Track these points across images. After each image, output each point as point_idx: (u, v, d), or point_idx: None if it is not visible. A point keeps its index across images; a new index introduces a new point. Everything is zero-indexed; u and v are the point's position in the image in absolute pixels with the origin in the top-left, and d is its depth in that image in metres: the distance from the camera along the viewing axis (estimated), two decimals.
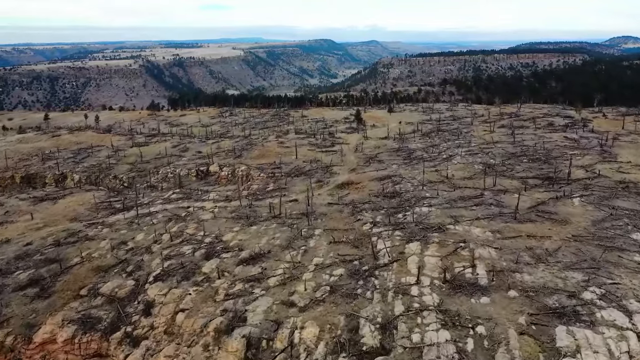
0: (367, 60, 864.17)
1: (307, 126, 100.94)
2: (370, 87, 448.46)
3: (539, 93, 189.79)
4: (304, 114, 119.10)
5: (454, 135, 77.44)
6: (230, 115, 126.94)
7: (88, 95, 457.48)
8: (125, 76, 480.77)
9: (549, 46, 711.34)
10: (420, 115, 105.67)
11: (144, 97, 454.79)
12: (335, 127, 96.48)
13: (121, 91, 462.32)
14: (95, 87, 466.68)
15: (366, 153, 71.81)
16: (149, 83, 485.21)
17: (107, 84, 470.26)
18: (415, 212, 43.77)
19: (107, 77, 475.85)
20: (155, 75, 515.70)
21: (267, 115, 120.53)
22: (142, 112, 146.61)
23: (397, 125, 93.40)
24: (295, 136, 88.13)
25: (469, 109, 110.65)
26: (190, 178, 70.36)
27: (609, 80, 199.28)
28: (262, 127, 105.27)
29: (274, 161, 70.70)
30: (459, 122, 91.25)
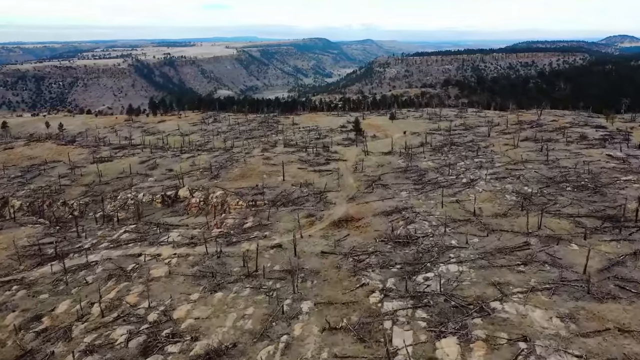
0: (363, 60, 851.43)
1: (298, 136, 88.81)
2: (366, 87, 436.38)
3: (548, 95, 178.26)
4: (295, 120, 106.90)
5: (471, 151, 65.49)
6: (213, 122, 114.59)
7: (75, 95, 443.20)
8: (114, 76, 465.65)
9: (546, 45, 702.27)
10: (426, 123, 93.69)
11: (132, 97, 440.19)
12: (330, 138, 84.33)
13: (109, 91, 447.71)
14: (82, 87, 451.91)
15: (367, 174, 59.76)
16: (138, 83, 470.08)
17: (95, 83, 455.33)
18: (440, 271, 31.95)
19: (95, 77, 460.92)
20: (145, 75, 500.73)
21: (254, 122, 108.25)
22: (119, 117, 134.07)
23: (402, 137, 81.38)
24: (283, 149, 76.00)
25: (481, 116, 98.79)
26: (154, 205, 58.08)
27: (620, 81, 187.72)
28: (247, 136, 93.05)
29: (257, 184, 58.55)
30: (473, 133, 79.36)
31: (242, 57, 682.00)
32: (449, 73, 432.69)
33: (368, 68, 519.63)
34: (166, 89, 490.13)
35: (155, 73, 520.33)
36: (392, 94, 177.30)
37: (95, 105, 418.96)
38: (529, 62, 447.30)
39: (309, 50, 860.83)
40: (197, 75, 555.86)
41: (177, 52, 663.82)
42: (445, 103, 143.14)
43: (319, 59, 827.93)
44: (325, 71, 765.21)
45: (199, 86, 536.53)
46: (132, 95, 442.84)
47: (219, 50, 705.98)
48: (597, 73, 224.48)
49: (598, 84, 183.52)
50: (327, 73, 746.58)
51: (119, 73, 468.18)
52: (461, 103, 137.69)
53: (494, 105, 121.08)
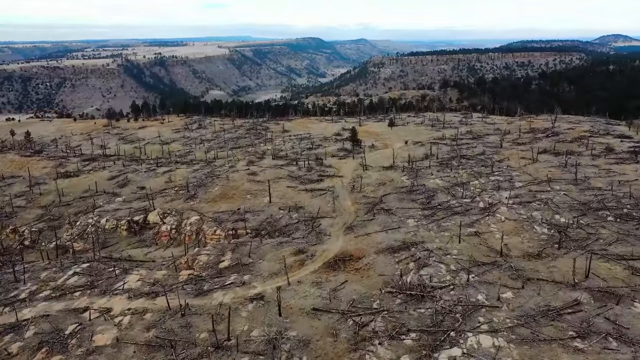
0: (356, 59, 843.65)
1: (288, 146, 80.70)
2: (360, 87, 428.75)
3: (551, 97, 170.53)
4: (286, 127, 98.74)
5: (485, 166, 57.65)
6: (198, 128, 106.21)
7: (62, 96, 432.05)
8: (102, 76, 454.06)
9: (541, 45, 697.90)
10: (428, 130, 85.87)
11: (121, 98, 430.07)
12: (324, 148, 76.30)
13: (97, 92, 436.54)
14: (70, 87, 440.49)
15: (367, 194, 51.80)
16: (128, 83, 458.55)
17: (83, 84, 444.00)
18: (469, 346, 24.18)
19: (83, 78, 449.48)
20: (135, 76, 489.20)
21: (242, 129, 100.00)
22: (98, 122, 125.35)
23: (403, 147, 73.55)
24: (271, 162, 67.91)
25: (487, 123, 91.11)
26: (119, 233, 49.82)
27: (626, 83, 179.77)
28: (232, 146, 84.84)
29: (239, 207, 50.45)
30: (482, 143, 71.60)
31: (235, 57, 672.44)
32: (444, 73, 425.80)
33: (362, 68, 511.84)
34: (156, 89, 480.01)
35: (146, 73, 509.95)
36: (390, 97, 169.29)
37: (83, 107, 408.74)
38: (525, 62, 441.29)
39: (302, 50, 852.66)
40: (188, 76, 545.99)
41: (169, 51, 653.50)
42: (446, 107, 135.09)
43: (313, 59, 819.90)
44: (318, 71, 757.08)
45: (191, 87, 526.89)
46: (121, 96, 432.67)
47: (211, 50, 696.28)
48: (600, 74, 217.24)
49: (603, 85, 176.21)
50: (321, 73, 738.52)
51: (107, 73, 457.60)
52: (464, 107, 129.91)
53: (498, 109, 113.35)
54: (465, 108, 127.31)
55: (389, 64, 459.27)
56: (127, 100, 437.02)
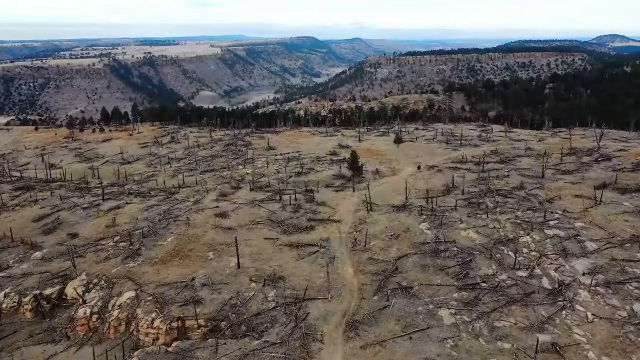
0: (351, 59, 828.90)
1: (272, 169, 65.72)
2: (356, 88, 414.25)
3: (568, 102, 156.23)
4: (272, 141, 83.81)
5: (532, 209, 42.94)
6: (170, 142, 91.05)
7: (46, 97, 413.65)
8: (88, 77, 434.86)
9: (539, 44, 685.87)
10: (443, 149, 71.10)
11: (107, 99, 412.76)
12: (316, 174, 61.40)
13: (82, 93, 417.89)
14: (54, 88, 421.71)
15: (374, 254, 37.12)
16: (114, 84, 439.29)
17: (68, 85, 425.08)
18: None
19: (67, 78, 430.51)
20: (122, 76, 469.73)
21: (220, 144, 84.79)
22: (60, 132, 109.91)
23: (415, 173, 58.74)
24: (249, 195, 53.04)
25: (513, 139, 76.40)
26: (22, 315, 34.87)
27: None
28: (205, 167, 69.81)
29: (194, 274, 35.66)
30: (515, 169, 56.93)
31: (227, 56, 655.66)
32: (443, 74, 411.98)
33: (358, 68, 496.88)
34: (144, 90, 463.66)
35: (134, 73, 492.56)
36: (392, 104, 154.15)
37: (67, 108, 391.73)
38: (526, 62, 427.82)
39: (296, 49, 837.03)
40: (178, 76, 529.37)
41: (160, 51, 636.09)
42: (459, 116, 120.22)
43: (307, 58, 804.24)
44: (313, 71, 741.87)
45: (181, 87, 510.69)
46: (107, 97, 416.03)
47: (202, 50, 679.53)
48: (617, 77, 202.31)
49: (626, 90, 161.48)
50: (316, 73, 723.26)
51: (93, 74, 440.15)
52: (478, 116, 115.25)
53: (519, 119, 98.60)
54: (480, 117, 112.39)
55: (386, 64, 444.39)
56: (113, 101, 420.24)
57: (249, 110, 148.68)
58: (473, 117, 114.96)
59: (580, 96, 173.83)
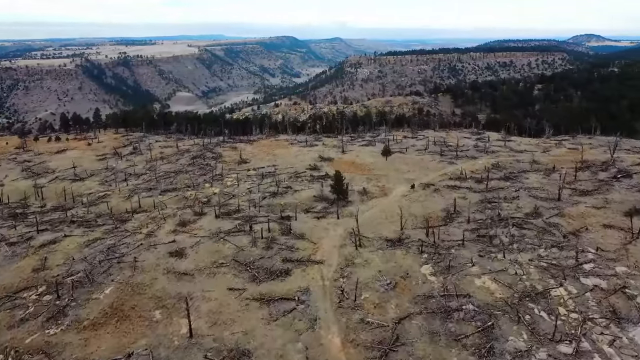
0: (331, 58, 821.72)
1: (244, 188, 57.06)
2: (337, 89, 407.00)
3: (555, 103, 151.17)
4: (246, 153, 75.12)
5: (557, 246, 35.25)
6: (131, 153, 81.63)
7: (14, 100, 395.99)
8: (59, 78, 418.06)
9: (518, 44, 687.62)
10: (437, 161, 63.30)
11: (80, 101, 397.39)
12: (294, 194, 52.98)
13: (53, 95, 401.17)
14: (23, 90, 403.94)
15: (368, 316, 28.90)
16: (86, 85, 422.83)
17: (38, 86, 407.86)
18: None
19: (37, 79, 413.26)
20: (95, 76, 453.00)
21: (188, 156, 75.63)
22: (11, 141, 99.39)
23: (410, 193, 50.74)
24: (214, 224, 44.47)
25: (514, 149, 68.93)
26: None
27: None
28: (167, 185, 60.81)
29: (132, 346, 27.05)
30: (524, 188, 49.40)
31: (205, 56, 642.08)
32: (424, 74, 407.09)
33: (339, 68, 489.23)
34: (119, 91, 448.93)
35: (107, 74, 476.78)
36: (377, 108, 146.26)
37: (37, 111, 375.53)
38: (507, 62, 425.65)
39: (276, 49, 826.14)
40: (154, 77, 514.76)
41: (136, 51, 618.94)
42: (450, 121, 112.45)
43: (287, 58, 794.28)
44: (293, 71, 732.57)
45: (157, 88, 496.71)
46: (79, 99, 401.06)
47: (179, 49, 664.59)
48: (606, 78, 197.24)
49: (619, 91, 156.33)
50: (295, 73, 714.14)
51: (64, 75, 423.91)
52: (471, 122, 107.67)
53: (515, 126, 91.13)
54: (472, 123, 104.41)
55: (367, 64, 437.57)
56: (86, 103, 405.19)
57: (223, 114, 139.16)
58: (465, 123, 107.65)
59: (571, 98, 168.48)
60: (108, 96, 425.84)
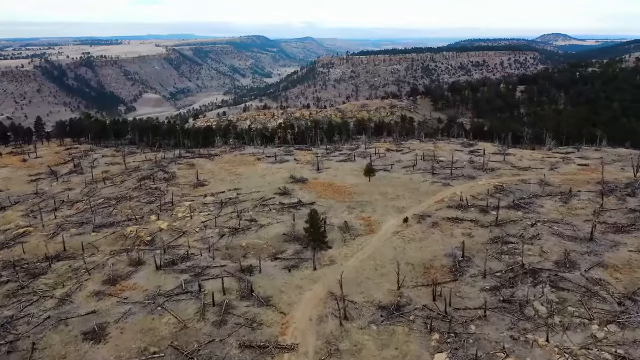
0: (303, 58, 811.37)
1: (198, 221, 46.47)
2: (309, 89, 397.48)
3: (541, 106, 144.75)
4: (204, 171, 64.32)
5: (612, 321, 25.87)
6: (70, 172, 69.83)
7: None
8: (15, 79, 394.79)
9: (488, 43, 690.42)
10: (429, 183, 53.86)
11: (38, 104, 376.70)
12: (259, 232, 42.66)
13: (9, 97, 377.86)
14: None
15: None
16: (46, 87, 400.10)
17: None
18: None
19: None
20: (56, 78, 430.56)
21: (136, 176, 64.23)
22: None
23: (402, 229, 41.04)
24: (153, 281, 33.96)
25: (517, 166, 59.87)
26: None
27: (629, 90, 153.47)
28: (104, 217, 49.64)
29: None
30: (542, 221, 40.25)
31: (173, 56, 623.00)
32: (397, 74, 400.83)
33: (310, 68, 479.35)
34: (81, 93, 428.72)
35: (69, 75, 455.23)
36: (353, 113, 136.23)
37: None
38: (480, 61, 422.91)
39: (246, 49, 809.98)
40: (119, 77, 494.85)
41: (100, 50, 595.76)
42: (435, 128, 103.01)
43: (258, 58, 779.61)
44: (264, 71, 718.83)
45: (122, 90, 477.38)
46: (38, 102, 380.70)
47: (146, 49, 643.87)
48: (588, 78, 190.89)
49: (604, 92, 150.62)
50: (267, 73, 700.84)
51: (21, 76, 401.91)
52: (460, 131, 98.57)
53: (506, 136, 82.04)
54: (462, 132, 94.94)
55: (339, 64, 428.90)
56: (45, 106, 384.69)
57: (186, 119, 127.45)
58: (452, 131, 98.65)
59: (556, 100, 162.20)
60: (69, 98, 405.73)
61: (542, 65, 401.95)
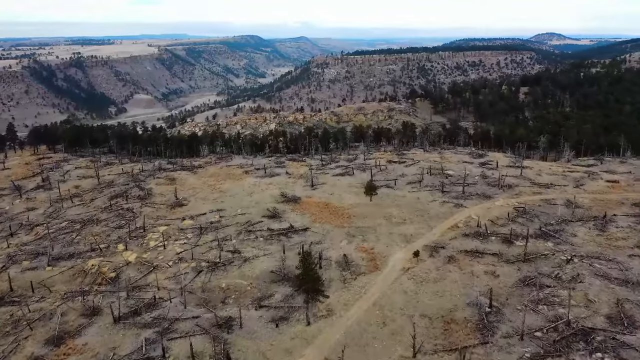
0: (297, 58, 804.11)
1: (172, 252, 39.78)
2: (303, 90, 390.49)
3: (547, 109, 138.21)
4: (186, 188, 57.53)
5: None
6: (38, 187, 62.84)
7: None
8: (3, 80, 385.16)
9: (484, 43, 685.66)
10: (439, 203, 47.32)
11: (26, 106, 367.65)
12: (243, 268, 36.08)
13: None
14: None
15: None
16: (34, 89, 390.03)
17: None
18: None
19: None
20: (45, 79, 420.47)
21: (108, 193, 57.33)
22: None
23: (413, 266, 34.51)
24: (106, 342, 27.20)
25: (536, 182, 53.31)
26: None
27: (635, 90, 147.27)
28: (64, 246, 42.79)
29: None
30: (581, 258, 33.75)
31: (165, 56, 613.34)
32: (393, 74, 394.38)
33: (305, 68, 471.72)
34: (70, 94, 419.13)
35: (58, 76, 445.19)
36: (352, 120, 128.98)
37: None
38: (477, 61, 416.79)
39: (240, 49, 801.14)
40: (110, 78, 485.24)
41: (91, 51, 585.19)
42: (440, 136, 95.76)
43: (252, 58, 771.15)
44: (258, 71, 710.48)
45: (113, 90, 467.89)
46: (26, 103, 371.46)
47: (138, 49, 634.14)
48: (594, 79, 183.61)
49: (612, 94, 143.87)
50: (260, 73, 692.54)
51: (9, 77, 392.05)
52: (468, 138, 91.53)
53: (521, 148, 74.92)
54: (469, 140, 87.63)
55: (334, 64, 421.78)
56: (33, 108, 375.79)
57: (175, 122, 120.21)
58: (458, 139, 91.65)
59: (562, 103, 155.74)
60: (58, 100, 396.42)
61: (539, 65, 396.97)
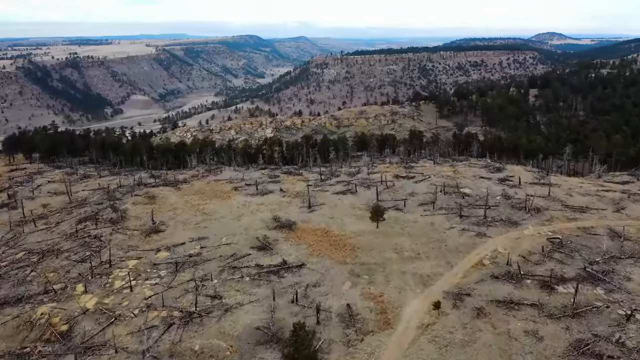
0: (297, 58, 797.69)
1: (140, 295, 33.05)
2: (302, 91, 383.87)
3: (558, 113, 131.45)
4: (165, 209, 50.71)
5: None
6: (2, 205, 55.99)
7: None
8: None
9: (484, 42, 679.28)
10: (458, 232, 40.51)
11: (20, 107, 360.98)
12: (223, 320, 29.31)
13: None
14: None
15: None
16: (28, 90, 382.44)
17: None
18: None
19: None
20: (39, 80, 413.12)
21: (77, 214, 50.49)
22: None
23: (433, 322, 27.76)
24: None
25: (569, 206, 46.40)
26: None
27: None
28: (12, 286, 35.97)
29: None
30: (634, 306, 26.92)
31: (163, 56, 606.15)
32: (394, 74, 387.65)
33: (304, 68, 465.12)
34: (66, 95, 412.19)
35: (54, 77, 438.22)
36: (353, 124, 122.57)
37: None
38: (479, 61, 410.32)
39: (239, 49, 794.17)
40: (106, 79, 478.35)
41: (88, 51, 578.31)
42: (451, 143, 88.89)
43: (250, 58, 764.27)
44: (257, 71, 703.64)
45: (109, 91, 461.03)
46: (20, 104, 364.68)
47: (135, 49, 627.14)
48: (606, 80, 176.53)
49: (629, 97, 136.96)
50: (259, 73, 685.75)
51: (2, 78, 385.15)
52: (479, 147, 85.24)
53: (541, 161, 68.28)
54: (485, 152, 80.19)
55: (333, 65, 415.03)
56: (27, 109, 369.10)
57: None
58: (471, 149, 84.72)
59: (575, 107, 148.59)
60: (53, 101, 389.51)
61: (542, 65, 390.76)
